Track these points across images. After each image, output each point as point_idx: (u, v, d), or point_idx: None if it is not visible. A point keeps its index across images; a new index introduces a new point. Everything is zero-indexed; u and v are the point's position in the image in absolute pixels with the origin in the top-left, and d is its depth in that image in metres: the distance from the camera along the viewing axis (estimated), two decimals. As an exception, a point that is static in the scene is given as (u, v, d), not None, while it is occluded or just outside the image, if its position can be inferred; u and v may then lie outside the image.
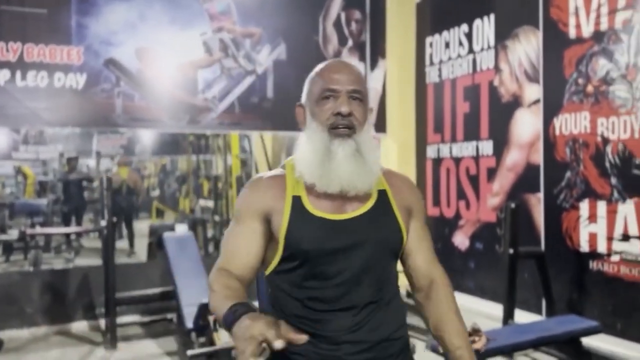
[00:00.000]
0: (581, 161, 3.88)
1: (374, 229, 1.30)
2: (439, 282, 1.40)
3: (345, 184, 1.26)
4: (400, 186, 1.40)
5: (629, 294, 3.52)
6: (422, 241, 1.40)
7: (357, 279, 1.28)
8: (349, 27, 5.40)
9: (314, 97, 1.32)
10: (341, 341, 1.26)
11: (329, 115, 1.28)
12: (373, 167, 1.30)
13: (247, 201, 1.34)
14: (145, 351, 4.10)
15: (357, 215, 1.30)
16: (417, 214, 1.41)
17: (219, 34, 4.95)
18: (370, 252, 1.29)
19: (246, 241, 1.30)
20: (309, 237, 1.26)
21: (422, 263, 1.40)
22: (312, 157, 1.28)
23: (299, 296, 1.29)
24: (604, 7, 3.69)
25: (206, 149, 9.60)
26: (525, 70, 4.36)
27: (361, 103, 1.31)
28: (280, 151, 9.40)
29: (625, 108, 3.57)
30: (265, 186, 1.34)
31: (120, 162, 8.22)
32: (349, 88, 1.29)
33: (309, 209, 1.29)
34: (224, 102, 4.99)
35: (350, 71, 1.33)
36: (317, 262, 1.27)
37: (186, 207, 10.30)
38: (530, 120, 4.31)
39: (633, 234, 3.53)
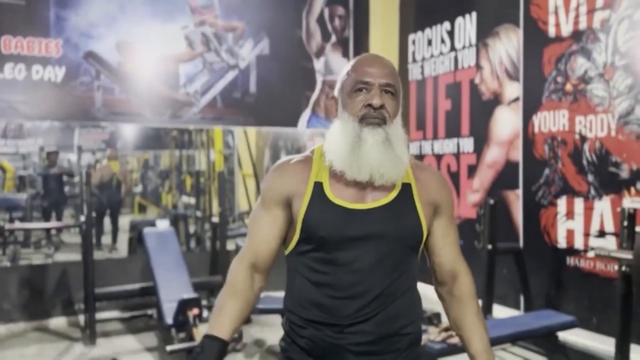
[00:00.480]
0: (559, 159, 3.93)
1: (392, 221, 1.31)
2: (463, 279, 1.41)
3: (375, 170, 1.28)
4: (427, 181, 1.40)
5: (604, 289, 3.58)
6: (447, 237, 1.41)
7: (371, 269, 1.29)
8: (332, 23, 5.40)
9: (347, 89, 1.33)
10: (347, 331, 1.28)
11: (361, 107, 1.30)
12: (402, 157, 1.32)
13: (272, 185, 1.39)
14: (124, 347, 4.08)
15: (377, 207, 1.31)
16: (444, 210, 1.40)
17: (201, 28, 4.92)
18: (386, 244, 1.30)
19: (267, 225, 1.37)
20: (325, 224, 1.29)
21: (446, 259, 1.41)
22: (343, 144, 1.30)
23: (312, 279, 1.32)
24: (583, 6, 3.74)
25: (189, 144, 9.53)
26: (506, 68, 4.40)
27: (393, 97, 1.33)
28: (264, 147, 9.38)
29: (603, 106, 3.62)
30: (291, 170, 1.38)
31: (111, 156, 8.12)
32: (382, 81, 1.31)
33: (328, 196, 1.32)
34: (206, 97, 4.96)
35: (384, 65, 1.35)
36: (332, 248, 1.30)
37: (169, 202, 10.24)
38: (510, 118, 4.35)
39: (609, 230, 3.59)
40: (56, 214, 8.24)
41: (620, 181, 3.51)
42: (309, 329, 1.32)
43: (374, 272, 1.30)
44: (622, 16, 3.49)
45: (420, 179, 1.38)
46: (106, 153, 8.37)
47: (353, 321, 1.28)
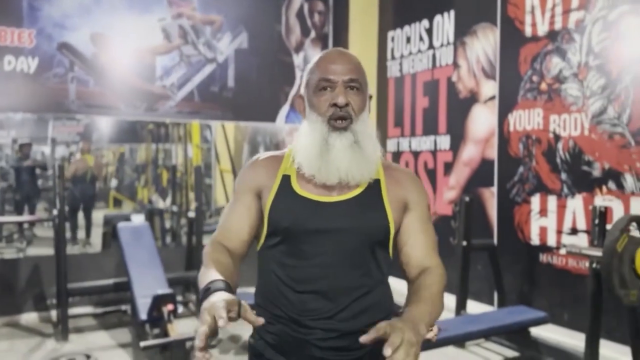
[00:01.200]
0: (533, 157, 3.98)
1: (356, 216, 1.30)
2: (431, 270, 1.34)
3: (343, 175, 1.28)
4: (398, 178, 1.39)
5: (576, 286, 3.65)
6: (418, 235, 1.37)
7: (336, 263, 1.28)
8: (312, 19, 5.38)
9: (311, 88, 1.33)
10: (313, 325, 1.27)
11: (327, 106, 1.30)
12: (371, 156, 1.31)
13: (244, 178, 1.40)
14: (97, 343, 4.02)
15: (343, 200, 1.31)
16: (415, 208, 1.37)
17: (179, 20, 4.86)
18: (349, 239, 1.29)
19: (239, 215, 1.36)
20: (290, 215, 1.29)
21: (415, 257, 1.36)
22: (311, 148, 1.30)
23: (279, 274, 1.32)
24: (559, 6, 3.79)
25: (166, 137, 9.43)
26: (483, 67, 4.44)
27: (359, 92, 1.32)
28: (242, 141, 9.32)
29: (577, 106, 3.68)
30: (262, 165, 1.39)
31: (84, 149, 7.97)
32: (346, 78, 1.30)
33: (295, 188, 1.32)
34: (182, 90, 4.91)
35: (347, 60, 1.33)
36: (296, 240, 1.29)
37: (144, 197, 10.12)
38: (486, 116, 4.40)
39: (581, 228, 3.65)
40: (29, 208, 8.07)
41: (592, 180, 3.58)
42: (277, 325, 1.31)
43: (339, 266, 1.29)
44: (596, 17, 3.55)
45: (391, 175, 1.38)
46: (79, 146, 8.20)
47: (319, 316, 1.27)
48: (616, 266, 1.95)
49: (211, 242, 1.36)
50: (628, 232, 2.06)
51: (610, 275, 1.95)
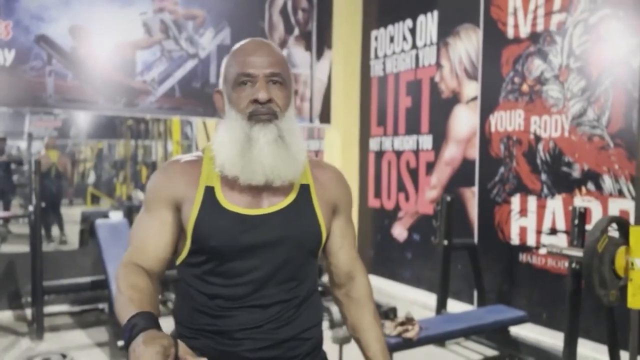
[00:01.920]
0: (514, 157, 4.02)
1: (290, 226, 1.21)
2: (360, 280, 1.37)
3: (269, 172, 1.18)
4: (326, 180, 1.31)
5: (555, 285, 3.69)
6: (345, 238, 1.35)
7: (268, 278, 1.20)
8: (295, 16, 5.36)
9: (230, 83, 1.21)
10: (243, 337, 1.19)
11: (247, 102, 1.19)
12: (297, 154, 1.21)
13: (158, 187, 1.25)
14: (74, 342, 3.95)
15: (274, 211, 1.21)
16: (343, 210, 1.33)
17: (160, 15, 4.79)
18: (284, 251, 1.21)
19: (155, 232, 1.22)
20: (218, 233, 1.18)
21: (344, 261, 1.35)
22: (232, 147, 1.18)
23: (203, 290, 1.21)
24: (541, 8, 3.83)
25: (146, 134, 9.32)
26: (465, 68, 4.47)
27: (282, 87, 1.21)
28: (223, 139, 9.24)
29: (557, 107, 3.72)
30: (179, 172, 1.25)
31: (49, 145, 7.81)
32: (267, 72, 1.18)
33: (221, 202, 1.20)
34: (163, 86, 4.84)
35: (268, 52, 1.21)
36: (226, 259, 1.19)
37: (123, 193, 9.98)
38: (468, 117, 4.42)
39: (560, 228, 3.70)
40: (3, 204, 7.91)
41: (572, 181, 3.62)
42: (200, 339, 1.21)
43: (271, 281, 1.21)
44: (577, 20, 3.59)
45: (318, 178, 1.30)
46: (44, 141, 8.04)
47: (246, 327, 1.19)
48: (596, 266, 1.97)
49: (124, 264, 1.20)
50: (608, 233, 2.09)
51: (591, 275, 1.97)
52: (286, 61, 1.25)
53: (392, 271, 5.16)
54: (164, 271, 1.25)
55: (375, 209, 5.44)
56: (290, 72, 1.26)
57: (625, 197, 3.31)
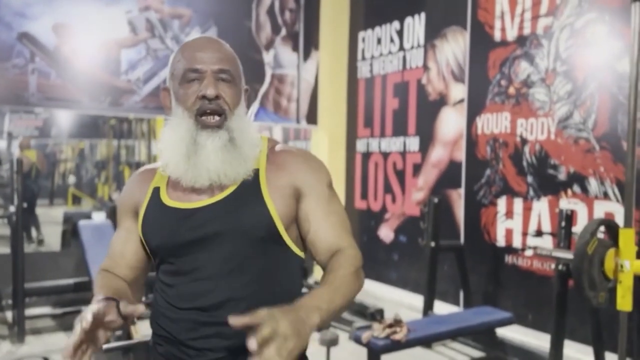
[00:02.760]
0: (500, 160, 4.04)
1: (230, 215, 1.13)
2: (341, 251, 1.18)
3: (214, 176, 1.13)
4: (282, 163, 1.20)
5: (540, 287, 3.72)
6: (321, 219, 1.19)
7: (216, 275, 1.13)
8: (282, 16, 5.33)
9: (177, 79, 1.16)
10: (201, 347, 1.12)
11: (194, 99, 1.14)
12: (249, 154, 1.16)
13: (122, 198, 1.27)
14: (56, 345, 3.87)
15: (213, 202, 1.15)
16: (311, 190, 1.19)
17: (146, 13, 4.73)
18: (228, 243, 1.13)
19: (121, 241, 1.24)
20: (159, 231, 1.15)
21: (322, 242, 1.19)
22: (177, 148, 1.14)
23: (163, 294, 1.18)
24: (528, 12, 3.86)
25: (129, 133, 9.21)
26: (452, 70, 4.49)
27: (231, 84, 1.16)
28: (207, 139, 9.17)
29: (543, 110, 3.75)
30: (137, 180, 1.26)
31: (23, 145, 7.65)
32: (215, 68, 1.14)
33: (163, 200, 1.18)
34: (149, 85, 4.78)
35: (217, 48, 1.17)
36: (172, 257, 1.15)
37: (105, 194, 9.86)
38: (455, 119, 4.44)
39: (546, 230, 3.73)
40: (-18, 204, 7.75)
41: (557, 183, 3.66)
42: (165, 346, 1.17)
43: (220, 277, 1.13)
44: (564, 24, 3.63)
45: (275, 161, 1.20)
46: (18, 142, 7.89)
47: (202, 334, 1.12)
48: (586, 268, 1.99)
49: (99, 272, 1.24)
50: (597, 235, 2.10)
51: (581, 277, 1.98)
52: (236, 58, 1.21)
53: (379, 273, 5.16)
54: (138, 277, 1.25)
55: (362, 210, 5.44)
56: (240, 69, 1.21)
57: (611, 200, 3.35)
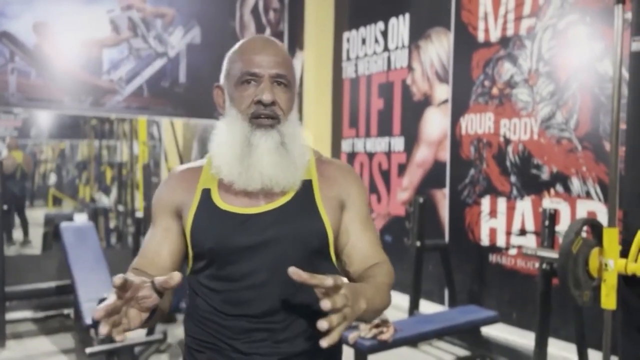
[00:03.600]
0: (484, 160, 4.07)
1: (288, 224, 1.14)
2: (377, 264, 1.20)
3: (267, 180, 1.13)
4: (333, 176, 1.22)
5: (524, 285, 3.76)
6: (359, 234, 1.21)
7: (269, 282, 1.12)
8: (267, 16, 5.31)
9: (233, 80, 1.16)
10: (249, 351, 1.12)
11: (249, 102, 1.14)
12: (298, 161, 1.16)
13: (159, 197, 1.24)
14: (38, 349, 3.80)
15: (270, 209, 1.14)
16: (352, 205, 1.22)
17: (128, 12, 4.68)
18: (282, 251, 1.12)
19: (157, 241, 1.20)
20: (213, 234, 1.13)
21: (358, 256, 1.20)
22: (230, 150, 1.14)
23: (209, 299, 1.17)
24: (511, 13, 3.89)
25: (110, 134, 9.10)
26: (436, 71, 4.51)
27: (286, 89, 1.16)
28: (192, 139, 9.11)
29: (526, 111, 3.79)
30: (178, 179, 1.23)
31: (11, 145, 7.55)
32: (272, 72, 1.14)
33: (216, 203, 1.16)
34: (131, 85, 4.73)
35: (275, 52, 1.16)
36: (223, 262, 1.14)
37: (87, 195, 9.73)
38: (439, 119, 4.47)
39: (529, 229, 3.76)
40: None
41: (541, 183, 3.69)
42: (207, 353, 1.17)
43: (273, 284, 1.12)
44: (546, 25, 3.66)
45: (324, 173, 1.22)
46: (5, 142, 7.79)
47: (254, 339, 1.13)
48: (571, 268, 2.01)
49: (129, 270, 1.19)
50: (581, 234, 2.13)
51: (566, 276, 2.00)
52: (292, 62, 1.20)
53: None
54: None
55: (347, 210, 5.44)
56: (295, 73, 1.21)
57: (593, 199, 3.39)
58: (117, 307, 0.91)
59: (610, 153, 1.99)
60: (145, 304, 0.95)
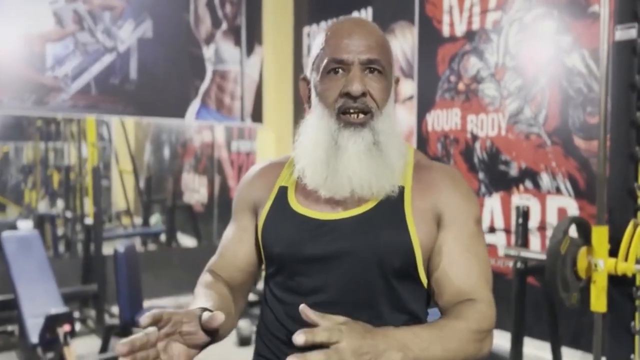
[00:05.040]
0: (452, 156, 3.99)
1: (365, 234, 0.99)
2: (472, 302, 0.98)
3: (357, 186, 0.99)
4: (431, 182, 1.04)
5: (494, 284, 3.67)
6: (456, 258, 1.00)
7: (337, 302, 0.98)
8: (223, 9, 5.08)
9: (318, 69, 1.04)
10: None
11: (337, 96, 1.01)
12: (395, 163, 1.01)
13: (238, 193, 1.18)
14: (-24, 372, 3.47)
15: (349, 217, 1.00)
16: (451, 222, 1.02)
17: (73, 4, 4.36)
18: (358, 267, 0.97)
19: (234, 240, 1.13)
20: (282, 238, 1.02)
21: (451, 286, 0.99)
22: (315, 152, 1.01)
23: (276, 310, 1.05)
24: (476, 7, 3.81)
25: (57, 135, 8.64)
26: (401, 66, 4.40)
27: (380, 77, 1.02)
28: (144, 139, 8.75)
29: (494, 106, 3.72)
30: (257, 175, 1.16)
31: None
32: (363, 58, 1.00)
33: (291, 203, 1.05)
34: (78, 82, 4.41)
35: (366, 33, 1.03)
36: (292, 271, 1.02)
37: (33, 200, 9.21)
38: (405, 116, 4.36)
39: (499, 226, 3.69)
40: None
41: (509, 179, 3.63)
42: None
43: (341, 305, 0.97)
44: (513, 18, 3.60)
45: (422, 180, 1.05)
46: None
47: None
48: (560, 269, 1.91)
49: (204, 272, 1.13)
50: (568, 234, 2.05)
51: (555, 278, 1.90)
52: (388, 45, 1.06)
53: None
54: (246, 281, 1.11)
55: (310, 211, 5.28)
56: (392, 58, 1.07)
57: (563, 194, 3.34)
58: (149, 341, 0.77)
59: (599, 146, 1.90)
60: (192, 341, 0.81)
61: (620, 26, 2.01)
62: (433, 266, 1.02)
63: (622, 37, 2.00)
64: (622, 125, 2.14)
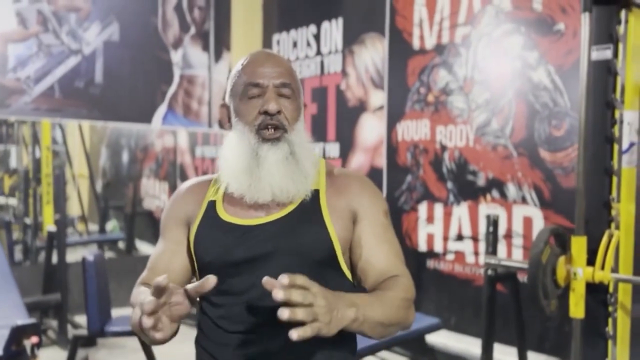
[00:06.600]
0: (421, 166, 4.09)
1: (287, 235, 1.12)
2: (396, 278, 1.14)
3: (277, 191, 1.12)
4: (343, 186, 1.21)
5: (462, 290, 3.80)
6: (375, 247, 1.16)
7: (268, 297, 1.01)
8: (191, 14, 5.03)
9: (237, 94, 1.18)
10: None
11: (256, 114, 1.15)
12: (308, 170, 1.16)
13: (169, 210, 1.26)
14: None
15: (271, 220, 1.13)
16: (365, 217, 1.18)
17: (37, 5, 4.22)
18: (283, 265, 1.07)
19: (167, 253, 1.21)
20: (213, 247, 1.13)
21: (374, 270, 1.15)
22: (239, 163, 1.15)
23: (211, 314, 1.15)
24: (446, 21, 3.93)
25: (7, 138, 8.28)
26: (371, 77, 4.47)
27: (291, 99, 1.18)
28: (99, 143, 8.50)
29: (462, 118, 3.84)
30: (188, 191, 1.25)
31: None
32: (276, 82, 1.16)
33: (220, 214, 1.17)
34: (40, 84, 4.26)
35: (277, 62, 1.19)
36: (223, 275, 1.09)
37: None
38: (375, 125, 4.43)
39: (466, 234, 3.81)
40: None
41: (477, 188, 3.75)
42: None
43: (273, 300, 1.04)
44: (481, 33, 3.73)
45: (335, 184, 1.21)
46: None
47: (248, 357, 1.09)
48: (540, 278, 2.01)
49: (137, 286, 1.19)
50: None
51: (536, 286, 2.00)
52: (295, 73, 1.23)
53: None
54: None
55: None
56: (299, 83, 1.23)
57: (529, 204, 3.49)
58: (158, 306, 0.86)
59: (578, 160, 2.01)
60: (177, 312, 0.91)
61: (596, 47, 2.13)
62: (356, 257, 1.17)
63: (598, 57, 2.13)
64: (598, 141, 2.26)
